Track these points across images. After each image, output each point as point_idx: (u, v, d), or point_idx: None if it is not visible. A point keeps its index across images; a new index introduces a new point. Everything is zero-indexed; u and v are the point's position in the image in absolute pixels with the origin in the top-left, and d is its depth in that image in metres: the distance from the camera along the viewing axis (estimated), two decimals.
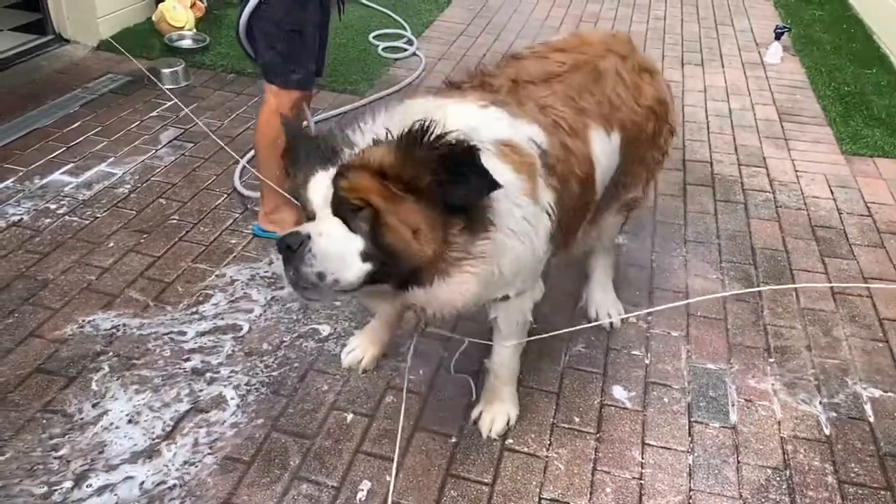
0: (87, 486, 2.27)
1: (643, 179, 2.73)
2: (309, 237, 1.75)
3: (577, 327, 2.92)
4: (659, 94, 2.58)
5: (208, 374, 2.70)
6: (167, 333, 2.88)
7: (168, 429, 2.48)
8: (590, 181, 2.27)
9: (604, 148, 2.32)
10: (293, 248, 1.74)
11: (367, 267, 1.79)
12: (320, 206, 1.84)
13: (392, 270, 1.81)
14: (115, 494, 2.25)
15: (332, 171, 1.83)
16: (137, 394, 2.60)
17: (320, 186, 1.85)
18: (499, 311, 2.36)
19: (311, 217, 1.88)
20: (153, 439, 2.44)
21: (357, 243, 1.78)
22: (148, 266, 3.23)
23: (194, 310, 3.00)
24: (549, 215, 2.05)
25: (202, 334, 2.88)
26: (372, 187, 1.76)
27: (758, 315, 3.16)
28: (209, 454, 2.40)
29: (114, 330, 2.87)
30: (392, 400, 2.64)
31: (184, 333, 2.88)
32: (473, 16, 6.61)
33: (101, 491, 2.26)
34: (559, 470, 2.43)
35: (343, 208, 1.79)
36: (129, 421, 2.50)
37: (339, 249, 1.77)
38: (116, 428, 2.47)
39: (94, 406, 2.54)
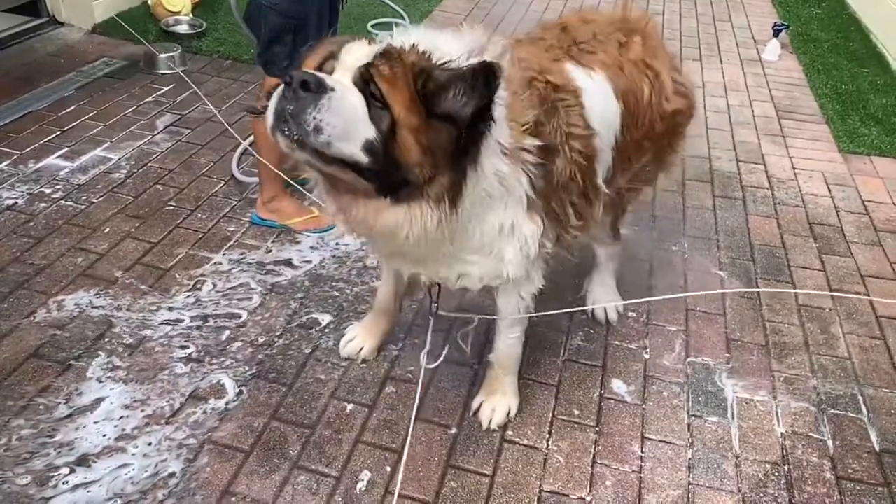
0: (79, 475, 2.24)
1: (649, 157, 2.58)
2: (333, 90, 1.64)
3: (570, 310, 2.93)
4: (648, 50, 2.46)
5: (206, 362, 2.68)
6: (164, 320, 2.85)
7: (166, 417, 2.46)
8: (583, 120, 2.14)
9: (589, 85, 2.21)
10: (311, 89, 1.63)
11: (364, 159, 1.70)
12: (345, 68, 1.73)
13: (383, 174, 1.74)
14: (111, 482, 2.23)
15: (379, 47, 1.74)
16: (134, 381, 2.58)
17: (359, 51, 1.75)
18: (499, 297, 2.36)
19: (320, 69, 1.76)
20: (150, 427, 2.42)
21: (369, 131, 1.69)
22: (145, 252, 3.20)
23: (192, 297, 2.98)
24: (530, 176, 1.98)
25: (200, 322, 2.86)
26: (404, 92, 1.68)
27: (756, 311, 3.17)
28: (207, 442, 2.38)
29: (110, 316, 2.84)
30: (392, 390, 2.63)
31: (181, 321, 2.86)
32: (472, 6, 6.58)
33: (95, 479, 2.24)
34: (559, 462, 2.43)
35: (368, 90, 1.69)
36: (126, 408, 2.47)
37: (352, 121, 1.67)
38: (112, 415, 2.44)
39: (89, 393, 2.51)
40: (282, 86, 1.65)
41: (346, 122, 1.66)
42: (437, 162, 1.74)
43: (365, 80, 1.70)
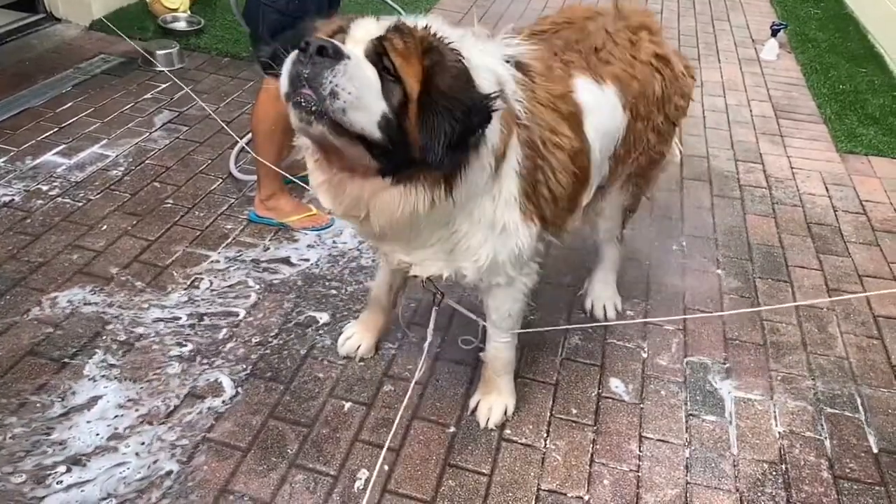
0: (74, 474, 2.23)
1: (652, 146, 2.61)
2: (349, 58, 1.62)
3: (573, 326, 2.92)
4: (659, 49, 2.49)
5: (203, 361, 2.67)
6: (161, 318, 2.84)
7: (163, 415, 2.45)
8: (578, 135, 2.15)
9: (597, 99, 2.23)
10: (328, 55, 1.59)
11: (378, 134, 1.68)
12: (355, 41, 1.71)
13: (392, 152, 1.73)
14: (105, 481, 2.22)
15: (388, 23, 1.73)
16: (131, 379, 2.57)
17: (369, 25, 1.74)
18: (489, 299, 2.34)
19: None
20: (147, 425, 2.41)
21: (382, 105, 1.67)
22: (142, 250, 3.19)
23: (189, 295, 2.97)
24: (519, 174, 1.99)
25: (196, 320, 2.85)
26: (416, 67, 1.68)
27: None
28: (205, 441, 2.38)
29: (107, 314, 2.83)
30: (390, 389, 2.63)
31: (178, 318, 2.85)
32: (471, 4, 6.57)
33: (90, 478, 2.23)
34: (557, 461, 2.43)
35: (381, 63, 1.68)
36: (121, 407, 2.46)
37: (366, 90, 1.64)
38: (107, 414, 2.43)
39: (84, 391, 2.50)
40: (295, 51, 1.61)
41: (361, 90, 1.63)
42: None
43: (378, 54, 1.69)
